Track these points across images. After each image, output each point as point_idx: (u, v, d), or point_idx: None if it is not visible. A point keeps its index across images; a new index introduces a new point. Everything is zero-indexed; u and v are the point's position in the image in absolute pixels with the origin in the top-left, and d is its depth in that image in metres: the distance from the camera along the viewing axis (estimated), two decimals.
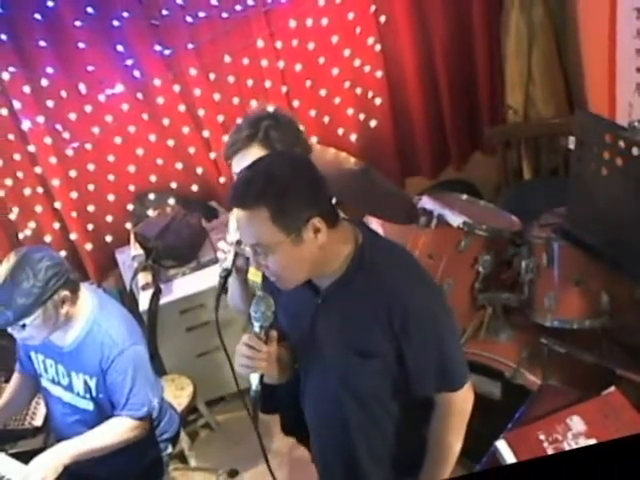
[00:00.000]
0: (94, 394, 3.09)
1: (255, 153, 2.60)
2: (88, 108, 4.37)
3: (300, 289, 2.30)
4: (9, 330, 2.94)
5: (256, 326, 2.30)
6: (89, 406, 3.14)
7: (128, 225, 4.74)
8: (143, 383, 3.07)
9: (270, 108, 2.85)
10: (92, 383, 3.07)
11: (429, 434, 2.42)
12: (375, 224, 3.27)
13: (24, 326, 2.89)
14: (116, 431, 3.07)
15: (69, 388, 3.15)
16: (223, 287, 2.72)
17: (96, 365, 3.03)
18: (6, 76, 4.16)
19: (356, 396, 2.36)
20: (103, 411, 3.13)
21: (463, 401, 2.36)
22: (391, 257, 2.31)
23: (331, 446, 2.52)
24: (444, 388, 2.32)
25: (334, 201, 2.32)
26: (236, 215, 2.16)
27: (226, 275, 2.70)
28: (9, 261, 2.87)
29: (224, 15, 4.27)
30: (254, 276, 2.88)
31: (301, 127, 2.81)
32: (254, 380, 2.32)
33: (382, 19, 4.55)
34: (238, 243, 2.68)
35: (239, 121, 2.75)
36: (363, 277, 2.24)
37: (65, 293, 2.94)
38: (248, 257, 2.80)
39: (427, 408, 2.39)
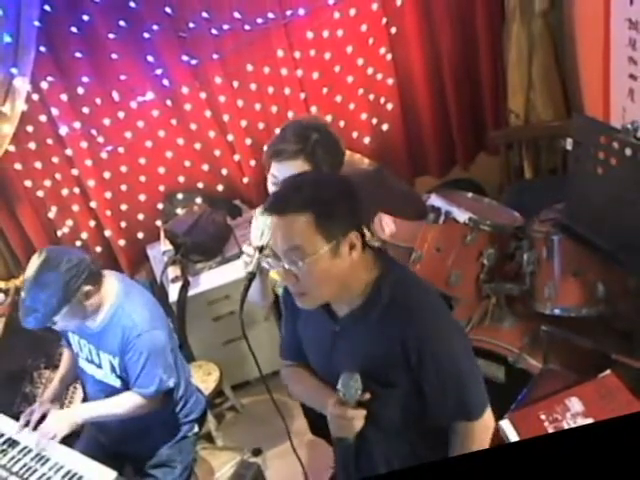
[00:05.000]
0: (118, 372, 3.17)
1: (299, 165, 2.60)
2: (121, 114, 4.42)
3: (319, 313, 2.23)
4: None
5: (351, 401, 2.14)
6: (116, 383, 3.21)
7: (158, 222, 4.78)
8: (156, 365, 3.12)
9: (320, 121, 2.80)
10: (115, 362, 3.14)
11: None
12: (387, 220, 3.28)
13: (55, 321, 2.97)
14: (125, 404, 3.17)
15: (99, 366, 3.22)
16: (247, 289, 2.67)
17: (118, 345, 3.09)
18: (45, 85, 4.20)
19: (373, 422, 2.20)
20: (129, 387, 3.20)
21: (483, 430, 2.23)
22: (410, 292, 2.18)
23: (352, 462, 2.40)
24: (462, 418, 2.20)
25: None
26: (274, 221, 2.05)
27: (251, 278, 2.63)
28: (32, 266, 2.92)
29: (247, 27, 4.29)
30: (276, 274, 2.90)
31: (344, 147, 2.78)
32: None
33: (393, 30, 4.55)
34: (262, 249, 2.65)
35: (288, 128, 2.68)
36: (381, 310, 2.12)
37: (88, 288, 2.99)
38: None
39: (446, 434, 2.27)
